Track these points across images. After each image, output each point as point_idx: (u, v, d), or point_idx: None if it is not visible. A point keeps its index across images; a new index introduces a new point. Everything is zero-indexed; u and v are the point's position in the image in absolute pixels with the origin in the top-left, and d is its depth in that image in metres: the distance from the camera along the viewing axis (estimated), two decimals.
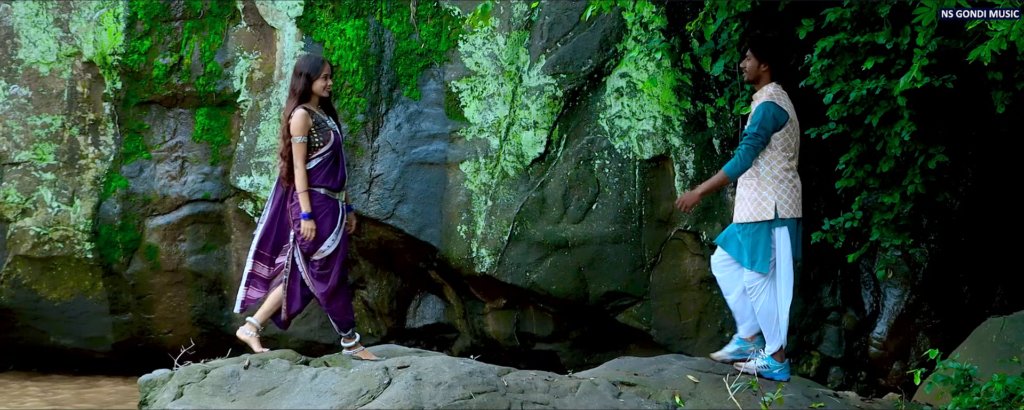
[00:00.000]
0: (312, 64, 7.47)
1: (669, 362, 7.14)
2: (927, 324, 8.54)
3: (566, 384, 6.31)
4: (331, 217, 7.43)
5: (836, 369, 8.78)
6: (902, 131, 7.55)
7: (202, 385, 6.01)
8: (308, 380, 5.98)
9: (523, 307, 9.42)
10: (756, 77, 7.36)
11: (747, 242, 7.17)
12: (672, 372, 6.86)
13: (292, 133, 7.31)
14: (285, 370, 6.11)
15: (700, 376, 6.83)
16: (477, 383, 5.94)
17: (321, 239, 7.37)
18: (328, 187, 7.42)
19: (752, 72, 7.35)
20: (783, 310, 7.20)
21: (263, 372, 6.10)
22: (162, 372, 6.28)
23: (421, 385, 5.85)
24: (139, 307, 10.03)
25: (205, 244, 9.91)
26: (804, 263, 8.74)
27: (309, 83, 7.43)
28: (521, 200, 9.11)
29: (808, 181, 8.78)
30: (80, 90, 9.87)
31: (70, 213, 9.84)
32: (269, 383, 6.00)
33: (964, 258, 8.55)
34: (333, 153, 7.45)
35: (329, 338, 9.95)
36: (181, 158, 9.89)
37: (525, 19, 9.21)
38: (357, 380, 5.94)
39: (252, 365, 6.20)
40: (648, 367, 7.02)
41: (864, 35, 7.60)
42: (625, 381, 6.58)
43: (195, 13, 9.85)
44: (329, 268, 7.43)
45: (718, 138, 8.88)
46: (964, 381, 5.95)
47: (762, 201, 7.17)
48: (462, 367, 6.08)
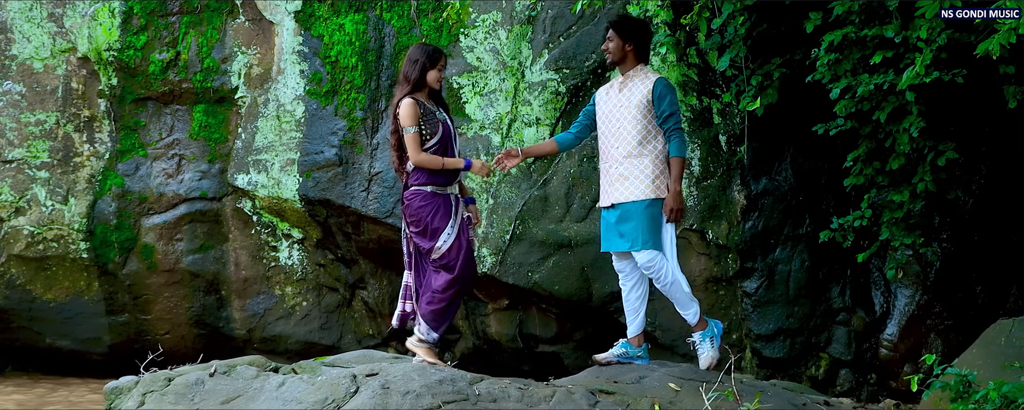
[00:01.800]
0: (430, 53, 7.11)
1: (652, 369, 6.93)
2: (939, 325, 8.32)
3: (541, 392, 6.10)
4: (443, 211, 7.05)
5: (845, 371, 8.56)
6: (911, 127, 7.35)
7: (165, 393, 5.82)
8: (274, 388, 5.79)
9: (526, 308, 9.24)
10: (622, 57, 7.27)
11: (645, 222, 7.06)
12: (653, 380, 6.64)
13: (401, 123, 7.00)
14: (252, 377, 5.92)
15: (682, 384, 6.61)
16: (447, 392, 5.74)
17: (436, 235, 7.02)
18: (436, 184, 7.08)
19: (617, 52, 7.26)
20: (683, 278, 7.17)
21: (229, 380, 5.91)
22: (128, 379, 6.10)
23: (388, 394, 5.65)
24: (135, 308, 9.87)
25: (202, 243, 9.75)
26: (812, 263, 8.54)
27: (424, 72, 7.09)
28: (523, 198, 8.92)
29: (817, 178, 8.61)
30: (75, 86, 9.71)
31: (65, 212, 9.69)
32: (234, 391, 5.81)
33: (977, 257, 8.32)
34: (442, 145, 7.08)
35: (329, 339, 9.80)
36: (178, 156, 9.73)
37: (527, 13, 9.01)
38: (323, 388, 5.75)
39: (218, 372, 6.00)
40: (629, 375, 6.80)
41: (872, 29, 7.40)
42: (603, 389, 6.37)
43: (192, 7, 9.69)
44: (451, 260, 7.03)
45: (725, 135, 8.66)
46: (963, 387, 5.73)
47: (656, 179, 7.12)
48: (432, 375, 5.87)
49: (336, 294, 9.79)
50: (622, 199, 7.13)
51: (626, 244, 7.11)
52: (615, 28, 7.27)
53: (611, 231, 7.23)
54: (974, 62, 7.06)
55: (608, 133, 7.25)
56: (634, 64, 7.28)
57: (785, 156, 8.63)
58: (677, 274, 7.14)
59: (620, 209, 7.16)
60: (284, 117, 9.42)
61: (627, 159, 7.14)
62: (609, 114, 7.27)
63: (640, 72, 7.26)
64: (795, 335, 8.57)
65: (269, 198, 9.45)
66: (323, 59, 9.39)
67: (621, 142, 7.16)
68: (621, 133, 7.16)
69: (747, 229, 8.59)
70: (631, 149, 7.13)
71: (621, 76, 7.31)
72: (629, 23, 7.33)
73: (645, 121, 7.12)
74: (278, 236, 9.69)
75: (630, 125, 7.14)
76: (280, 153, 9.40)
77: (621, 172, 7.15)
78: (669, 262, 7.11)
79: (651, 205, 7.08)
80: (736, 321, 8.71)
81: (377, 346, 9.78)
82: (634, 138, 7.12)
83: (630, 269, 7.28)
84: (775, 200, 8.60)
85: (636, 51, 7.27)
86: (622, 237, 7.14)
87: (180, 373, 6.03)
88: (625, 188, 7.13)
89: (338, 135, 9.30)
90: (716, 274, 8.69)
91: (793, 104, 8.35)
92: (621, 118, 7.18)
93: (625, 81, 7.27)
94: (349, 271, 9.68)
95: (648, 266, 7.06)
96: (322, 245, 9.65)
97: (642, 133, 7.12)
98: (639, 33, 7.29)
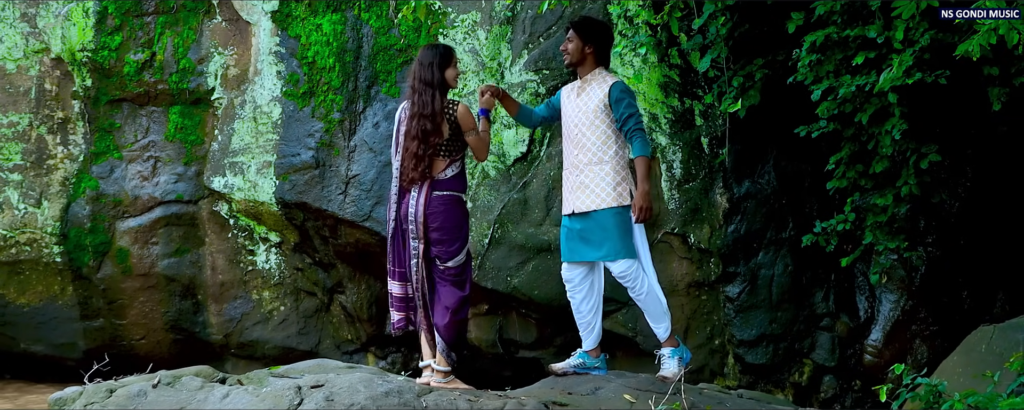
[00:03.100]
0: (442, 52, 6.95)
1: (609, 380, 6.78)
2: (924, 331, 8.17)
3: (491, 404, 5.95)
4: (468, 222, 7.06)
5: (829, 378, 8.42)
6: (893, 129, 7.22)
7: (106, 405, 5.67)
8: (218, 399, 5.64)
9: (505, 313, 9.10)
10: (581, 59, 7.11)
11: (616, 231, 6.90)
12: (609, 391, 6.49)
13: (466, 126, 6.88)
14: (196, 389, 5.77)
15: (638, 396, 6.45)
16: (393, 404, 5.58)
17: (462, 243, 6.92)
18: (465, 193, 7.06)
19: (576, 53, 7.09)
20: (659, 289, 7.01)
21: (173, 391, 5.75)
22: (73, 389, 5.94)
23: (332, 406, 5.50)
24: (110, 312, 9.72)
25: (178, 247, 9.59)
26: (795, 267, 8.40)
27: (443, 72, 6.90)
28: (502, 201, 8.78)
29: (800, 181, 8.46)
30: (48, 87, 9.57)
31: (38, 215, 9.55)
32: (177, 403, 5.65)
33: (963, 262, 8.17)
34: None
35: (307, 344, 9.65)
36: (153, 158, 9.58)
37: (507, 13, 8.87)
38: (267, 400, 5.59)
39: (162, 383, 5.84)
40: (584, 386, 6.65)
41: (855, 29, 7.27)
42: (557, 401, 6.20)
43: (168, 7, 9.54)
44: (464, 275, 6.96)
45: (706, 136, 8.52)
46: (933, 398, 5.57)
47: (618, 185, 6.96)
48: (379, 387, 5.71)
49: (314, 299, 9.64)
50: (584, 208, 6.98)
51: (597, 254, 6.96)
52: (575, 29, 7.10)
53: (574, 240, 7.06)
54: (959, 63, 6.93)
55: (569, 139, 7.11)
56: (593, 67, 7.11)
57: (768, 158, 8.49)
58: (654, 285, 6.99)
59: (585, 218, 7.00)
60: (260, 119, 9.28)
61: (589, 166, 6.99)
62: (569, 119, 7.12)
63: (598, 75, 7.09)
64: (778, 341, 8.43)
65: (245, 201, 9.30)
66: (300, 60, 9.24)
67: (582, 149, 7.01)
68: (581, 139, 7.01)
69: (729, 233, 8.44)
70: (592, 156, 6.99)
71: (580, 80, 7.16)
72: (590, 24, 7.16)
73: (604, 126, 6.98)
74: (255, 240, 9.54)
75: (589, 130, 6.99)
76: (256, 155, 9.26)
77: (582, 180, 7.00)
78: (647, 274, 6.96)
79: (619, 213, 6.93)
80: (718, 326, 8.57)
81: (355, 351, 9.64)
82: (594, 144, 6.98)
83: (580, 279, 7.12)
84: (758, 203, 8.46)
85: (596, 54, 7.10)
86: (589, 246, 6.98)
87: (123, 384, 5.88)
88: (587, 196, 6.98)
89: (315, 137, 9.15)
90: (698, 279, 8.55)
91: (776, 106, 8.21)
92: (580, 123, 7.04)
93: (583, 85, 7.11)
94: (327, 275, 9.53)
95: (624, 275, 6.91)
96: (300, 249, 9.51)
97: (602, 138, 6.98)
98: (600, 35, 7.12)
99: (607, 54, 7.19)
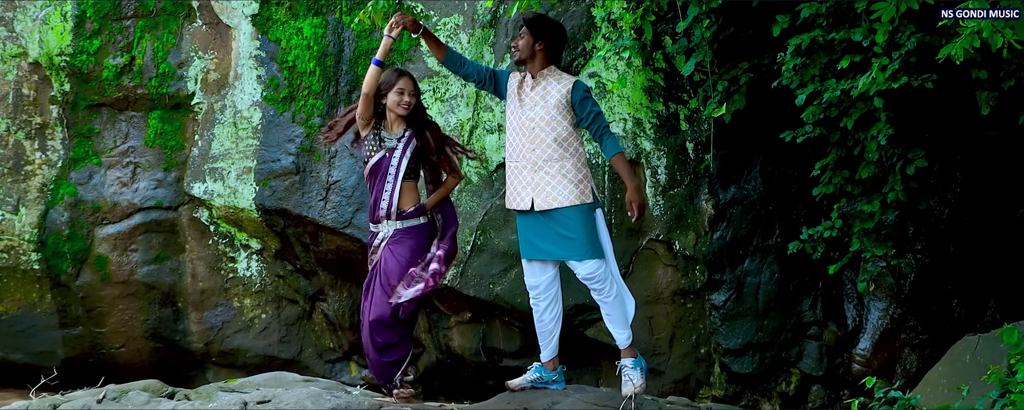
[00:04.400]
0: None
1: (566, 394, 6.63)
2: (914, 340, 8.02)
3: None
4: None
5: (817, 387, 8.27)
6: (879, 135, 7.07)
7: None
8: None
9: (489, 321, 8.95)
10: (530, 55, 6.99)
11: (582, 229, 6.81)
12: (566, 406, 6.35)
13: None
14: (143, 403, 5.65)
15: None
16: None
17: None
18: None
19: (526, 50, 6.98)
20: (627, 293, 6.94)
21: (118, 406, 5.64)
22: (20, 404, 5.82)
23: None
24: (89, 320, 9.57)
25: (158, 254, 9.45)
26: (782, 275, 8.25)
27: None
28: (484, 208, 8.64)
29: (787, 186, 8.32)
30: (26, 92, 9.43)
31: (15, 222, 9.41)
32: None
33: (953, 269, 8.02)
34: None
35: (289, 353, 9.52)
36: (133, 164, 9.44)
37: (489, 16, 8.72)
38: None
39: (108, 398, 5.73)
40: (541, 401, 6.51)
41: (840, 32, 7.12)
42: None
43: (148, 11, 9.40)
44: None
45: (692, 142, 8.36)
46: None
47: (580, 183, 6.88)
48: (326, 402, 5.59)
49: (296, 306, 9.49)
50: (545, 205, 6.85)
51: (561, 253, 6.82)
52: (528, 25, 6.99)
53: (534, 237, 6.93)
54: (947, 67, 6.76)
55: (521, 133, 6.96)
56: (544, 64, 7.00)
57: (754, 164, 8.34)
58: (623, 289, 6.86)
59: (546, 216, 6.87)
60: (241, 124, 9.14)
61: (548, 164, 6.86)
62: (520, 114, 6.99)
63: (553, 73, 6.99)
64: (765, 350, 8.28)
65: (226, 207, 9.16)
66: (280, 64, 9.10)
67: (539, 146, 6.89)
68: (537, 135, 6.88)
69: (715, 240, 8.29)
70: (552, 152, 6.87)
71: (531, 77, 7.02)
72: (543, 22, 7.06)
73: (566, 123, 6.89)
74: (236, 247, 9.40)
75: (547, 127, 6.87)
76: (236, 161, 9.12)
77: (541, 178, 6.87)
78: (614, 277, 6.84)
79: (584, 211, 6.81)
80: (704, 335, 8.43)
81: (338, 360, 9.50)
82: (553, 142, 6.86)
83: (545, 285, 6.99)
84: (744, 209, 8.31)
85: (547, 51, 6.98)
86: (551, 244, 6.84)
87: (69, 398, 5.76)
88: (548, 194, 6.84)
89: (295, 142, 9.01)
90: (683, 286, 8.40)
91: (763, 110, 8.07)
92: (536, 119, 6.90)
93: (537, 81, 6.97)
94: (309, 283, 9.39)
95: (591, 277, 6.77)
96: (281, 256, 9.36)
97: (561, 136, 6.88)
98: (553, 34, 7.01)
99: (558, 53, 7.09)
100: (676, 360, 8.50)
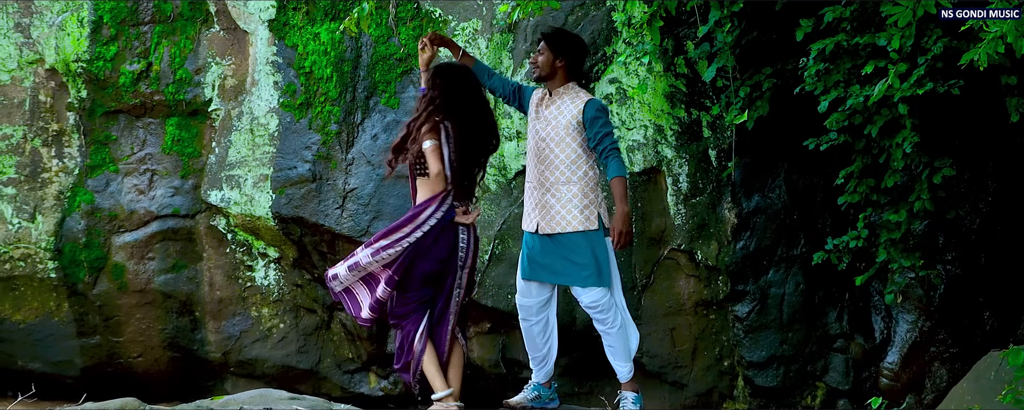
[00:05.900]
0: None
1: None
2: (944, 353, 7.76)
3: None
4: None
5: (843, 402, 8.04)
6: (904, 142, 6.84)
7: None
8: None
9: (508, 331, 8.77)
10: (551, 72, 6.80)
11: (585, 256, 6.65)
12: None
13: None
14: None
15: None
16: None
17: None
18: None
19: (545, 66, 6.79)
20: (632, 325, 6.80)
21: None
22: None
23: None
24: (107, 330, 9.47)
25: (175, 262, 9.34)
26: (807, 286, 8.02)
27: None
28: (503, 216, 8.47)
29: (813, 195, 8.09)
30: (43, 99, 9.34)
31: (32, 230, 9.33)
32: None
33: (985, 281, 7.76)
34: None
35: (307, 363, 9.38)
36: (150, 171, 9.34)
37: (508, 21, 8.54)
38: None
39: None
40: None
41: (865, 37, 6.89)
42: None
43: (165, 17, 9.28)
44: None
45: (714, 149, 8.15)
46: None
47: (586, 208, 6.69)
48: None
49: (314, 316, 9.35)
50: (549, 230, 6.67)
51: (560, 279, 6.66)
52: (547, 40, 6.81)
53: (537, 259, 6.76)
54: (975, 73, 6.52)
55: (535, 154, 6.83)
56: (564, 81, 6.81)
57: (779, 172, 8.11)
58: (627, 321, 6.67)
59: (550, 240, 6.69)
60: (258, 130, 9.01)
61: (556, 186, 6.72)
62: (536, 132, 6.82)
63: (571, 90, 6.79)
64: (789, 363, 8.05)
65: (242, 215, 9.04)
66: (297, 70, 8.96)
67: (549, 167, 6.72)
68: (548, 156, 6.72)
69: (738, 250, 8.07)
70: (560, 175, 6.72)
71: (549, 93, 6.84)
72: (563, 37, 6.86)
73: (575, 144, 6.69)
74: (253, 255, 9.27)
75: (558, 148, 6.69)
76: (253, 168, 8.99)
77: (548, 200, 6.70)
78: (619, 307, 6.65)
79: (587, 237, 6.62)
80: (727, 347, 8.21)
81: (357, 370, 9.34)
82: (562, 163, 6.69)
83: (537, 309, 6.84)
84: (768, 219, 8.08)
85: (567, 68, 6.79)
86: (548, 270, 6.68)
87: None
88: (553, 217, 6.66)
89: (312, 150, 8.87)
90: (706, 297, 8.19)
91: (787, 116, 7.85)
92: (548, 139, 6.73)
93: (553, 98, 6.79)
94: (326, 292, 9.25)
95: (594, 305, 6.60)
96: (298, 265, 9.22)
97: (571, 157, 6.68)
98: (573, 49, 6.81)
99: (580, 68, 6.88)
100: (698, 373, 8.29)
